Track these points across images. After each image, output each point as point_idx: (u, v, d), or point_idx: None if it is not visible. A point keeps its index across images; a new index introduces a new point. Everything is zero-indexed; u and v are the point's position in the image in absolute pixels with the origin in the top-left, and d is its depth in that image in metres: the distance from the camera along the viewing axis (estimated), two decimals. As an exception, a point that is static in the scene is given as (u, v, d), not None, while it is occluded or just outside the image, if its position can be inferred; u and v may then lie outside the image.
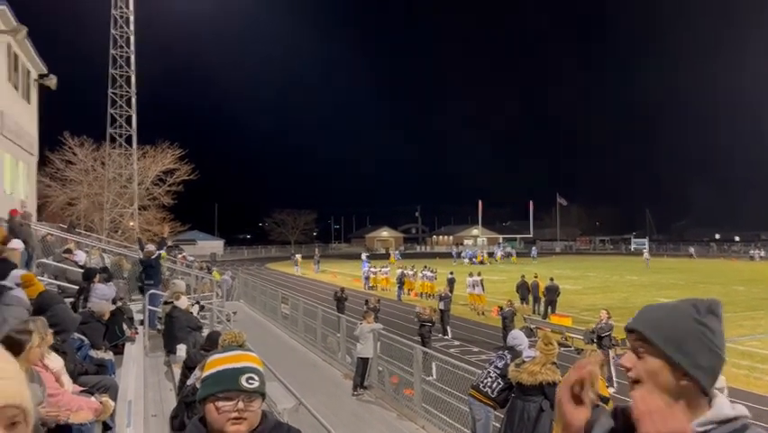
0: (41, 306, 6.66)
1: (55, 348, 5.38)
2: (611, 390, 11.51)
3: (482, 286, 26.89)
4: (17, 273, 7.38)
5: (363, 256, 52.16)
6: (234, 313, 17.99)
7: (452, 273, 30.34)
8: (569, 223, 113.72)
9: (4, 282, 7.25)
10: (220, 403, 1.86)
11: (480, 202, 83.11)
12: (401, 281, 33.86)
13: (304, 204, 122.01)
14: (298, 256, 60.41)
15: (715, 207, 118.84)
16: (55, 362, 5.10)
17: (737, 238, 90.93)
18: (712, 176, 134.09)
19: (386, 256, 67.50)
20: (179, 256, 32.40)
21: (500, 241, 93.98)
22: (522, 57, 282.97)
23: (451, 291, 26.85)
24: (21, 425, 1.11)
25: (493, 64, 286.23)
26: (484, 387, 7.55)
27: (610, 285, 36.61)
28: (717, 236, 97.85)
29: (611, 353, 13.56)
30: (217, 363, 1.95)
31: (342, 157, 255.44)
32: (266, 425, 1.96)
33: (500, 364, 7.59)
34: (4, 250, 8.86)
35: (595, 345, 14.18)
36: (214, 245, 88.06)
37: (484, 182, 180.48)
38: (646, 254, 58.62)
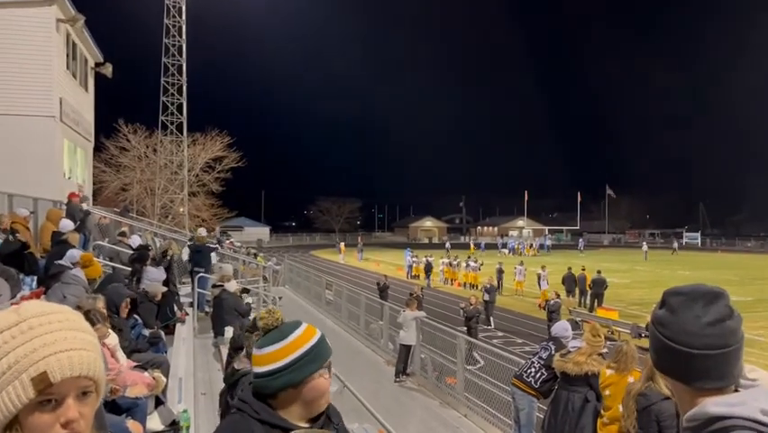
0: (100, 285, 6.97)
1: (111, 325, 5.61)
2: None
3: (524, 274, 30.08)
4: (73, 253, 7.68)
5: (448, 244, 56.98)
6: (280, 298, 18.30)
7: (500, 264, 30.86)
8: (618, 215, 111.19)
9: (61, 262, 7.59)
10: (323, 377, 1.87)
11: (526, 193, 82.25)
12: (428, 270, 35.31)
13: (348, 193, 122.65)
14: (342, 244, 60.95)
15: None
16: (111, 338, 5.33)
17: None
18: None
19: (431, 246, 67.71)
20: (227, 242, 33.08)
21: (546, 232, 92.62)
22: (563, 41, 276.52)
23: (499, 282, 28.25)
24: (92, 395, 1.16)
25: (537, 49, 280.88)
26: (527, 377, 7.50)
27: (660, 279, 35.71)
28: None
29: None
30: (302, 342, 1.88)
31: (386, 146, 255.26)
32: None
33: (544, 355, 7.51)
34: (65, 233, 9.27)
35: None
36: (261, 232, 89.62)
37: (531, 173, 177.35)
38: (645, 246, 60.69)
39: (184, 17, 37.27)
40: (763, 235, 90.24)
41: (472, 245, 66.94)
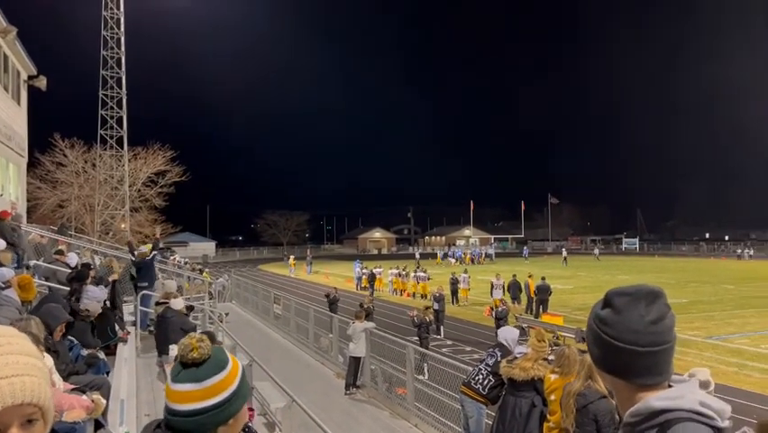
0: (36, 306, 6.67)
1: (47, 347, 5.38)
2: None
3: (468, 282, 30.72)
4: (3, 272, 7.31)
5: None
6: (227, 314, 17.94)
7: (453, 274, 31.59)
8: (560, 223, 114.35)
9: (-9, 282, 7.21)
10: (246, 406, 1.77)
11: (471, 203, 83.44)
12: (371, 280, 35.67)
13: (296, 205, 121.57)
14: (291, 258, 60.33)
15: (705, 206, 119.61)
16: (46, 361, 5.10)
17: (727, 237, 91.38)
18: (702, 176, 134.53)
19: (380, 257, 68.03)
20: (171, 258, 32.27)
21: (492, 241, 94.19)
22: (505, 54, 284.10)
23: (454, 293, 29.10)
24: (38, 423, 1.10)
25: (480, 62, 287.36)
26: (475, 384, 7.56)
27: (602, 285, 36.80)
28: (707, 235, 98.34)
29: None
30: (236, 362, 1.76)
31: (334, 158, 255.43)
32: None
33: (491, 362, 7.57)
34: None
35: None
36: (206, 247, 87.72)
37: (476, 183, 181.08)
38: (596, 251, 68.95)
39: (122, 29, 36.40)
40: (696, 239, 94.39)
41: (439, 256, 68.37)
